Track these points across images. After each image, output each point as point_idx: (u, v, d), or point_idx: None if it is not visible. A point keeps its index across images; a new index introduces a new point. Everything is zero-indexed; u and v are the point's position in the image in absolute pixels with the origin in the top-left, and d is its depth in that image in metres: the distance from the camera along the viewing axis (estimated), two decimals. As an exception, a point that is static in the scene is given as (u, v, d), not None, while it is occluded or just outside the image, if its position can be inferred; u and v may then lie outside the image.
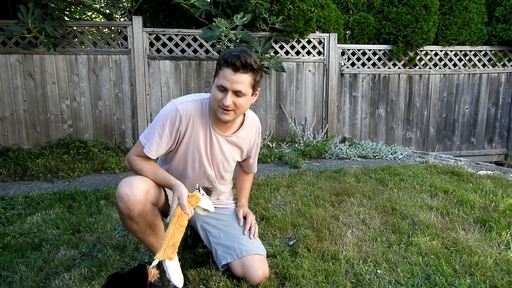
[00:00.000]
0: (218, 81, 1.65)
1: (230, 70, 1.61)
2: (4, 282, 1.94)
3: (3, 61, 4.77)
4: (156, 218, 1.75)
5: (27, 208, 3.08)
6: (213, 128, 1.81)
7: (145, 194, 1.64)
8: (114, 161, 4.52)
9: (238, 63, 1.59)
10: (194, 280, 1.89)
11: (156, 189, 1.73)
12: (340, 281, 1.84)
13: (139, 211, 1.63)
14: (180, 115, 1.72)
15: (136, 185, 1.63)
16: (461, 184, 3.49)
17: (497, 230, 2.40)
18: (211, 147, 1.84)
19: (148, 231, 1.73)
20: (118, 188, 1.63)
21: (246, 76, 1.64)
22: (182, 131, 1.75)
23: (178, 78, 5.35)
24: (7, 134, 4.88)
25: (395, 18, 5.78)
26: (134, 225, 1.68)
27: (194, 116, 1.76)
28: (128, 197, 1.60)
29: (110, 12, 6.25)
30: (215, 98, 1.67)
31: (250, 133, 1.94)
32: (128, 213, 1.62)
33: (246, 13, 4.96)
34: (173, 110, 1.73)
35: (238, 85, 1.62)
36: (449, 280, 1.84)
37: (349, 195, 3.18)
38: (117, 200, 1.63)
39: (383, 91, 6.15)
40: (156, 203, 1.74)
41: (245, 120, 1.90)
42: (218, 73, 1.66)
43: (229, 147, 1.89)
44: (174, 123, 1.72)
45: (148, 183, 1.69)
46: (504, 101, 6.56)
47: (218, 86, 1.65)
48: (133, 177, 1.68)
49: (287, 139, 5.77)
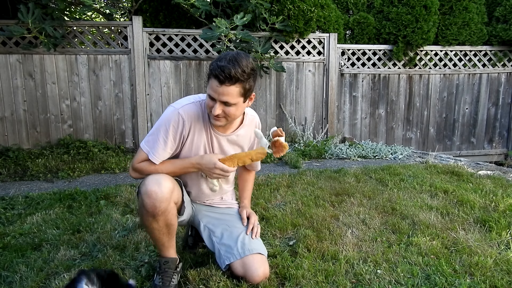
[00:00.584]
0: (208, 90, 1.66)
1: (216, 81, 1.59)
2: (4, 282, 1.94)
3: (3, 61, 4.77)
4: (174, 218, 1.76)
5: (27, 208, 3.08)
6: (212, 129, 1.81)
7: (171, 193, 1.67)
8: (114, 161, 4.52)
9: (221, 77, 1.56)
10: (194, 280, 1.89)
11: (178, 189, 1.76)
12: (340, 281, 1.84)
13: (164, 209, 1.65)
14: (183, 118, 1.72)
15: (164, 183, 1.65)
16: (461, 184, 3.49)
17: (497, 230, 2.40)
18: (212, 147, 1.85)
19: (164, 230, 1.74)
20: (146, 185, 1.64)
21: (233, 87, 1.59)
22: (185, 134, 1.76)
23: (178, 78, 5.35)
24: (7, 134, 4.88)
25: (395, 18, 5.78)
26: (154, 223, 1.69)
27: (195, 118, 1.76)
28: (156, 194, 1.62)
29: (110, 12, 6.25)
30: (207, 104, 1.68)
31: (250, 130, 1.94)
32: (153, 210, 1.64)
33: (246, 13, 4.96)
34: (175, 115, 1.73)
35: (224, 97, 1.60)
36: (449, 280, 1.84)
37: (349, 195, 3.18)
38: (144, 197, 1.63)
39: (383, 91, 6.15)
40: (177, 202, 1.77)
41: (245, 118, 1.90)
42: (208, 81, 1.66)
43: (229, 146, 1.90)
44: (177, 127, 1.73)
45: (173, 182, 1.72)
46: (504, 101, 6.56)
47: (208, 95, 1.66)
48: (159, 175, 1.69)
49: (287, 139, 5.73)
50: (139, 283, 1.87)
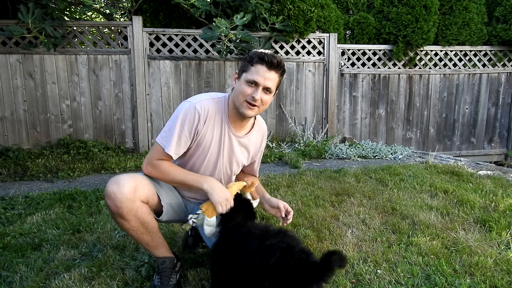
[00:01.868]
0: (250, 76, 1.70)
1: (264, 67, 1.69)
2: (4, 282, 1.94)
3: (3, 61, 4.77)
4: (147, 216, 1.75)
5: (27, 208, 3.08)
6: (228, 127, 1.84)
7: (133, 192, 1.66)
8: (114, 161, 4.52)
9: (274, 61, 1.69)
10: (194, 280, 1.89)
11: (146, 187, 1.75)
12: (340, 281, 1.84)
13: (127, 208, 1.65)
14: (199, 113, 1.74)
15: (123, 183, 1.65)
16: (461, 184, 3.49)
17: (497, 230, 2.40)
18: (223, 145, 1.86)
19: (141, 229, 1.74)
20: (106, 186, 1.66)
21: (277, 75, 1.74)
22: (200, 129, 1.77)
23: (178, 78, 5.35)
24: (7, 134, 4.88)
25: (395, 18, 5.78)
26: (125, 223, 1.69)
27: (212, 114, 1.78)
28: (115, 195, 1.63)
29: (110, 12, 6.25)
30: (243, 92, 1.72)
31: (259, 136, 2.00)
32: (117, 210, 1.65)
33: (246, 13, 4.96)
34: (192, 109, 1.74)
35: (269, 82, 1.71)
36: (449, 280, 1.84)
37: (349, 195, 3.18)
38: (106, 198, 1.66)
39: (383, 91, 6.15)
40: (147, 201, 1.75)
41: (255, 122, 1.96)
42: (248, 69, 1.71)
43: (239, 148, 1.92)
44: (193, 122, 1.74)
45: (136, 181, 1.71)
46: (504, 101, 6.56)
47: (249, 81, 1.71)
48: (120, 176, 1.70)
49: (287, 139, 5.77)
50: (139, 283, 1.87)
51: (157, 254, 1.84)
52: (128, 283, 1.88)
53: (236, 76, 1.79)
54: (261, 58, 1.69)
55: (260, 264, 1.33)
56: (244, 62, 1.75)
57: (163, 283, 1.79)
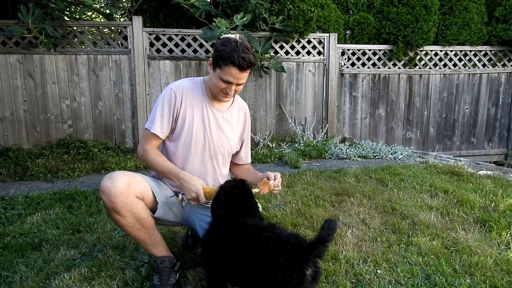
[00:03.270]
0: (223, 76, 1.76)
1: (236, 69, 1.73)
2: (4, 282, 1.94)
3: (3, 61, 4.77)
4: (143, 212, 1.76)
5: (27, 208, 3.08)
6: (209, 103, 1.93)
7: (127, 187, 1.69)
8: (114, 161, 4.52)
9: (244, 65, 1.72)
10: (194, 280, 1.89)
11: (140, 183, 1.77)
12: (340, 281, 1.84)
13: (122, 203, 1.67)
14: (174, 92, 1.86)
15: (117, 178, 1.68)
16: (461, 184, 3.49)
17: (497, 230, 2.40)
18: (209, 123, 1.92)
19: (137, 225, 1.75)
20: (100, 183, 1.69)
21: (248, 71, 1.79)
22: (178, 106, 1.86)
23: (178, 78, 5.35)
24: (7, 134, 4.88)
25: (395, 18, 5.78)
26: (121, 219, 1.70)
27: (187, 92, 1.89)
28: (109, 190, 1.65)
29: (110, 12, 6.25)
30: (218, 86, 1.81)
31: (241, 112, 2.07)
32: (111, 205, 1.66)
33: (246, 13, 4.96)
34: (168, 90, 1.87)
35: (241, 80, 1.79)
36: (449, 280, 1.84)
37: (349, 195, 3.18)
38: (100, 194, 1.68)
39: (383, 91, 6.15)
40: (141, 196, 1.77)
41: (235, 99, 2.05)
42: (221, 67, 1.75)
43: (225, 123, 1.98)
44: (171, 100, 1.85)
45: (130, 177, 1.74)
46: (504, 101, 6.56)
47: (222, 79, 1.77)
48: (115, 172, 1.73)
49: (287, 139, 5.77)
50: (139, 283, 1.87)
51: (156, 253, 1.85)
52: (128, 283, 1.88)
53: (210, 62, 1.83)
54: (232, 62, 1.70)
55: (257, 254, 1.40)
56: (218, 54, 1.74)
57: (162, 283, 1.79)
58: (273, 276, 1.33)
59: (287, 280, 1.31)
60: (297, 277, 1.31)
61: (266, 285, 1.35)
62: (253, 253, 1.41)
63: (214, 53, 1.79)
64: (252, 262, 1.40)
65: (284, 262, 1.33)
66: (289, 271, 1.32)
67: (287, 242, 1.38)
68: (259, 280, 1.38)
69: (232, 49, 1.71)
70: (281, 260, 1.33)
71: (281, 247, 1.37)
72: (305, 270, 1.32)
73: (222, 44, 1.74)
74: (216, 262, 1.57)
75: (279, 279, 1.32)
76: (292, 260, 1.33)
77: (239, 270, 1.45)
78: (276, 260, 1.34)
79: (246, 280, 1.46)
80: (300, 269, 1.32)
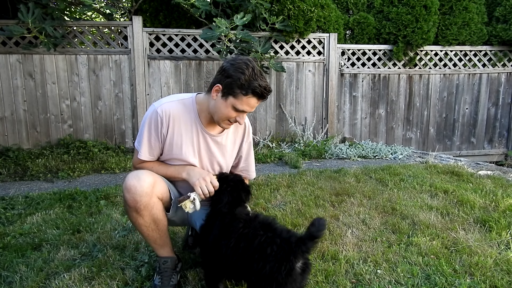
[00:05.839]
0: (239, 106, 1.66)
1: (256, 99, 1.67)
2: (4, 282, 1.94)
3: (3, 61, 4.77)
4: (161, 213, 1.77)
5: (27, 208, 3.08)
6: (201, 128, 1.83)
7: (152, 187, 1.69)
8: (114, 161, 4.52)
9: (266, 94, 1.67)
10: (194, 280, 1.89)
11: (162, 184, 1.78)
12: (340, 281, 1.84)
13: (145, 203, 1.67)
14: (161, 117, 1.74)
15: (144, 177, 1.68)
16: (461, 184, 3.49)
17: (497, 230, 2.40)
18: (199, 147, 1.85)
19: (152, 226, 1.75)
20: (126, 180, 1.67)
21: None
22: (165, 132, 1.77)
23: (178, 78, 5.35)
24: (7, 134, 4.88)
25: (395, 18, 5.78)
26: (139, 218, 1.71)
27: (174, 116, 1.77)
28: (135, 188, 1.64)
29: (110, 12, 6.25)
30: (228, 116, 1.70)
31: (237, 136, 1.96)
32: (134, 205, 1.66)
33: (246, 13, 4.96)
34: (154, 114, 1.76)
35: (255, 108, 1.74)
36: (449, 280, 1.84)
37: (349, 195, 3.18)
38: (124, 192, 1.66)
39: (383, 91, 6.15)
40: (162, 197, 1.77)
41: None
42: (237, 96, 1.64)
43: (215, 147, 1.89)
44: (157, 126, 1.76)
45: (155, 176, 1.74)
46: (504, 101, 6.56)
47: (238, 109, 1.68)
48: (140, 171, 1.72)
49: (287, 139, 5.77)
50: (139, 283, 1.87)
51: (161, 253, 1.84)
52: (128, 283, 1.88)
53: (217, 88, 1.68)
54: (255, 92, 1.63)
55: (247, 245, 1.47)
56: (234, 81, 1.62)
57: (163, 283, 1.79)
58: (262, 268, 1.37)
59: (275, 272, 1.34)
60: (285, 269, 1.34)
61: (257, 278, 1.39)
62: (242, 238, 1.47)
63: (227, 80, 1.64)
64: (241, 248, 1.45)
65: (272, 254, 1.37)
66: (277, 262, 1.35)
67: (278, 236, 1.43)
68: (249, 274, 1.42)
69: (251, 77, 1.62)
70: (269, 251, 1.38)
71: (271, 238, 1.42)
72: (293, 262, 1.36)
73: (237, 70, 1.62)
74: (209, 250, 1.62)
75: (267, 271, 1.35)
76: (280, 252, 1.37)
77: (229, 257, 1.50)
78: (264, 251, 1.39)
79: (239, 273, 1.51)
80: (288, 261, 1.35)
